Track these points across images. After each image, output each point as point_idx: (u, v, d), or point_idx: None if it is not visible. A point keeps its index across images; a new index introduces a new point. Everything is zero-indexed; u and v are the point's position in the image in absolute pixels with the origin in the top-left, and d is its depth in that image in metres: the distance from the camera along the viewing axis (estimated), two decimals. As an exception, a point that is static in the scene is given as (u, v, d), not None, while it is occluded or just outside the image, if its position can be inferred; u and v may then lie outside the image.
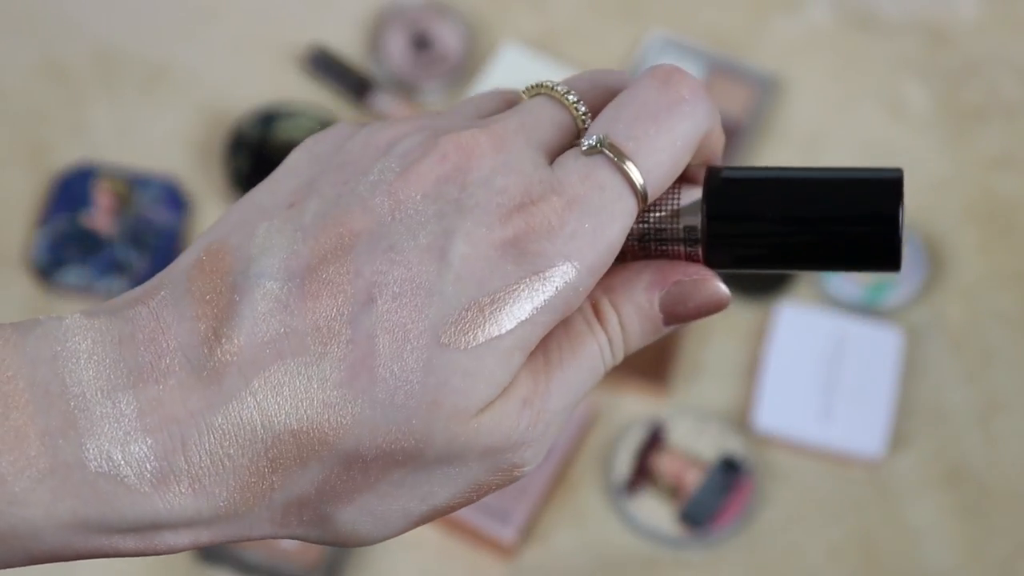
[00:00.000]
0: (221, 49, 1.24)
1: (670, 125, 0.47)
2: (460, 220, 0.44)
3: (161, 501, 0.43)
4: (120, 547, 0.44)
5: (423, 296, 0.44)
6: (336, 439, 0.44)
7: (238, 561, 1.05)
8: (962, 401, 1.12)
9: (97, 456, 0.43)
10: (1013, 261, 1.18)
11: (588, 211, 0.45)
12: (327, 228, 0.45)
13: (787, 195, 0.48)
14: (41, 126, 1.20)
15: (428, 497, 0.46)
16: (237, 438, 0.43)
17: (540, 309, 0.45)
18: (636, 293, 0.48)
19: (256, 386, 0.43)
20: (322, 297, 0.44)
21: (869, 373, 1.12)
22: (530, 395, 0.46)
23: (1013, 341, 1.15)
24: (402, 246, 0.44)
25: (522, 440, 0.45)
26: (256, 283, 0.44)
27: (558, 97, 0.48)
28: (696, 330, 1.14)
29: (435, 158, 0.45)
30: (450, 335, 0.44)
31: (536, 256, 0.45)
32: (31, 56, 1.22)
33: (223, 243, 0.45)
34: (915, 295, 1.16)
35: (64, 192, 1.16)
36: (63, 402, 0.43)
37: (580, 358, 0.47)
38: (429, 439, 0.44)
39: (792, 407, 1.11)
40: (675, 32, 1.26)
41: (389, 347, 0.43)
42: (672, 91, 0.47)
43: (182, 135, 1.20)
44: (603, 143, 0.46)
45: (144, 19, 1.25)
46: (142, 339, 0.44)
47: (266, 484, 0.44)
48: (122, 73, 1.22)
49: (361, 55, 1.24)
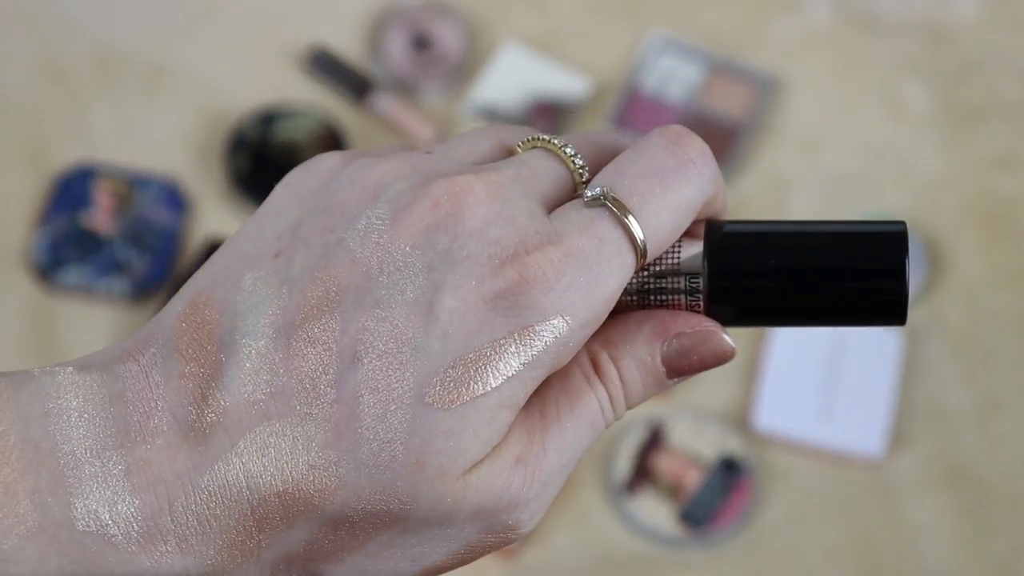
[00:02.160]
0: (221, 49, 1.24)
1: (676, 186, 0.46)
2: (450, 273, 0.43)
3: (148, 559, 0.43)
4: None
5: (408, 353, 0.43)
6: (321, 501, 0.43)
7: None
8: (962, 401, 1.12)
9: (85, 515, 0.42)
10: (1013, 261, 1.18)
11: (585, 264, 0.44)
12: (314, 282, 0.44)
13: (790, 250, 0.47)
14: (41, 126, 1.20)
15: (419, 558, 0.45)
16: (223, 499, 0.43)
17: (528, 365, 0.43)
18: (636, 346, 0.47)
19: (242, 447, 0.43)
20: (308, 356, 0.43)
21: (869, 373, 1.12)
22: (524, 453, 0.44)
23: (1013, 341, 1.15)
24: (389, 301, 0.43)
25: (515, 500, 0.44)
26: (242, 342, 0.44)
27: (555, 150, 0.47)
28: (696, 330, 1.14)
29: (427, 204, 0.44)
30: (435, 394, 0.43)
31: (528, 308, 0.43)
32: (31, 56, 1.22)
33: (209, 296, 0.45)
34: (915, 295, 1.15)
35: (64, 192, 1.16)
36: (53, 460, 0.43)
37: (578, 415, 0.46)
38: (415, 500, 0.43)
39: (792, 407, 1.11)
40: (675, 32, 1.26)
41: (373, 407, 0.43)
42: (681, 153, 0.46)
43: (182, 135, 1.20)
44: (607, 196, 0.45)
45: (144, 19, 1.25)
46: (131, 398, 0.44)
47: (253, 543, 0.43)
48: (122, 73, 1.22)
49: (361, 55, 1.24)
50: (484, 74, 1.23)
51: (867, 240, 0.47)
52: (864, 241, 0.47)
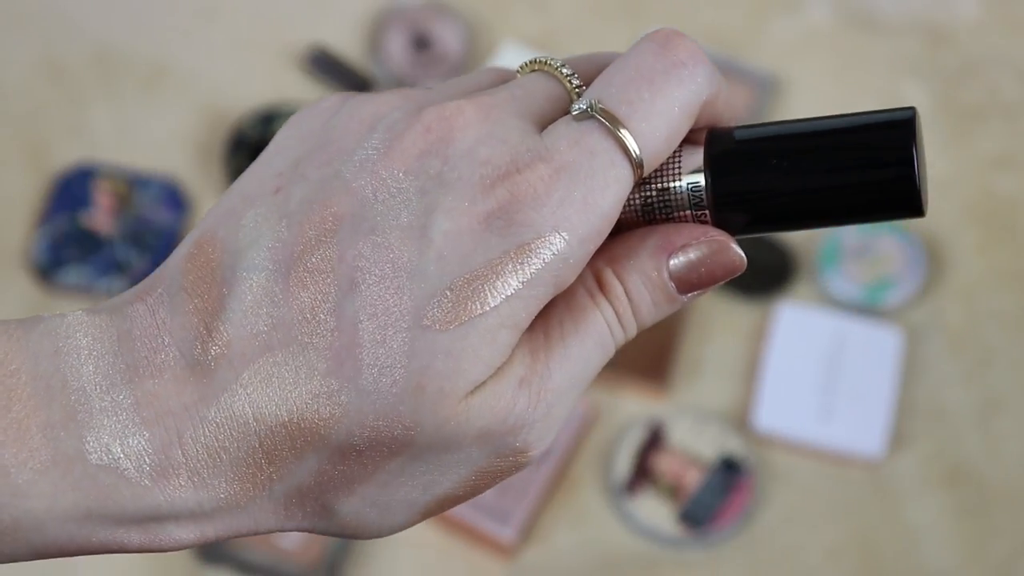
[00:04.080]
0: (221, 49, 1.24)
1: (667, 90, 0.44)
2: (442, 195, 0.43)
3: (161, 494, 0.43)
4: (125, 542, 0.44)
5: (405, 278, 0.43)
6: (327, 430, 0.43)
7: (238, 561, 1.05)
8: (962, 401, 1.12)
9: (97, 449, 0.43)
10: (1013, 261, 1.18)
11: (577, 178, 0.43)
12: (311, 214, 0.44)
13: (793, 149, 0.45)
14: (41, 126, 1.20)
15: (431, 486, 0.45)
16: (231, 431, 0.43)
17: (527, 283, 0.43)
18: (641, 261, 0.46)
19: (246, 379, 0.43)
20: (307, 286, 0.43)
21: (869, 373, 1.12)
22: (528, 375, 0.44)
23: (1013, 341, 1.15)
24: (384, 227, 0.43)
25: (521, 422, 0.44)
26: (242, 276, 0.44)
27: (552, 71, 0.47)
28: (696, 330, 1.14)
29: (418, 131, 0.44)
30: (433, 316, 0.43)
31: (522, 226, 0.43)
32: (31, 56, 1.22)
33: (212, 235, 0.45)
34: (915, 295, 1.16)
35: (64, 192, 1.16)
36: (64, 396, 0.43)
37: (584, 333, 0.45)
38: (418, 425, 0.43)
39: (792, 407, 1.11)
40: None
41: (372, 332, 0.43)
42: (670, 55, 0.45)
43: (182, 135, 1.20)
44: (594, 108, 0.44)
45: (144, 19, 1.25)
46: (139, 335, 0.44)
47: (264, 475, 0.44)
48: (122, 73, 1.22)
49: (361, 55, 1.24)
50: (484, 74, 1.23)
51: (872, 129, 0.45)
52: (870, 131, 0.45)
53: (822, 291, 1.16)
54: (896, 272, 1.16)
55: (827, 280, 1.16)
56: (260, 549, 1.05)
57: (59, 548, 0.44)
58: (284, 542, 1.05)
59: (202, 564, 1.05)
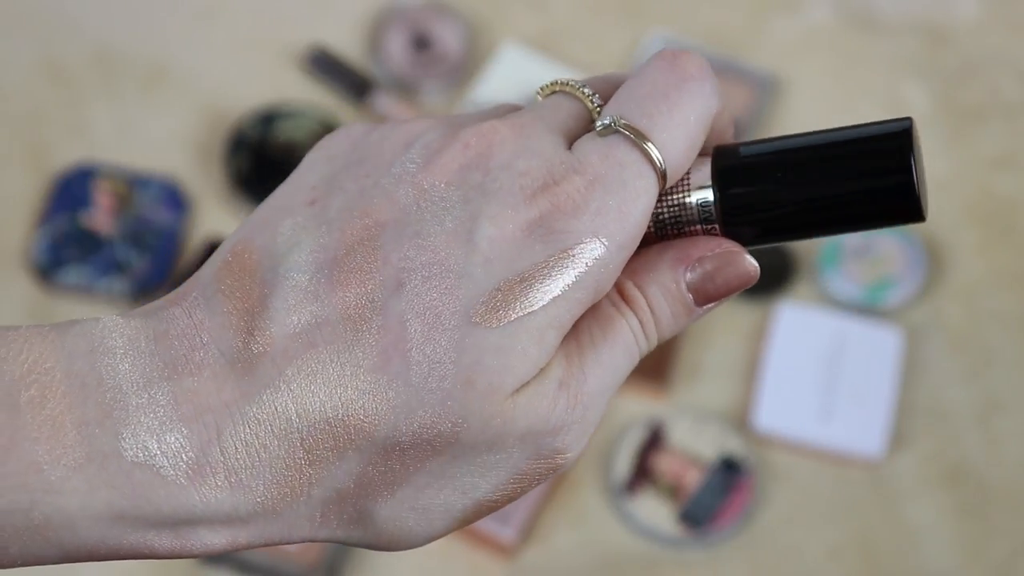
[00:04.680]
0: (221, 49, 1.24)
1: (681, 102, 0.47)
2: (485, 203, 0.45)
3: (197, 494, 0.43)
4: (155, 545, 0.44)
5: (452, 279, 0.44)
6: (372, 427, 0.44)
7: (238, 561, 1.05)
8: (962, 401, 1.12)
9: (133, 446, 0.43)
10: (1013, 261, 1.18)
11: (611, 188, 0.45)
12: (352, 220, 0.45)
13: (796, 161, 0.47)
14: (41, 126, 1.20)
15: (470, 489, 0.45)
16: (272, 427, 0.43)
17: (571, 286, 0.45)
18: (660, 274, 0.48)
19: (290, 375, 0.43)
20: (351, 285, 0.44)
21: (869, 373, 1.12)
22: (566, 377, 0.45)
23: (1013, 341, 1.15)
24: (429, 232, 0.44)
25: (561, 423, 0.45)
26: (285, 276, 0.44)
27: (572, 91, 0.48)
28: (696, 330, 1.14)
29: (458, 148, 0.46)
30: (481, 315, 0.44)
31: (563, 234, 0.45)
32: (31, 56, 1.22)
33: (249, 243, 0.46)
34: (915, 295, 1.16)
35: (64, 192, 1.16)
36: (99, 394, 0.43)
37: (612, 340, 0.47)
38: (466, 420, 0.44)
39: (792, 407, 1.11)
40: (675, 32, 1.26)
41: (421, 330, 0.43)
42: (679, 70, 0.47)
43: (182, 135, 1.20)
44: (617, 123, 0.46)
45: (144, 19, 1.25)
46: (176, 335, 0.44)
47: (304, 478, 0.44)
48: (122, 73, 1.22)
49: (361, 55, 1.24)
50: (484, 74, 1.23)
51: (871, 140, 0.47)
52: (868, 142, 0.47)
53: (822, 291, 1.16)
54: (896, 272, 1.16)
55: (827, 280, 1.16)
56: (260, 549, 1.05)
57: (88, 551, 0.44)
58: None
59: (202, 564, 1.05)
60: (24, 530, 0.42)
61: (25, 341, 0.43)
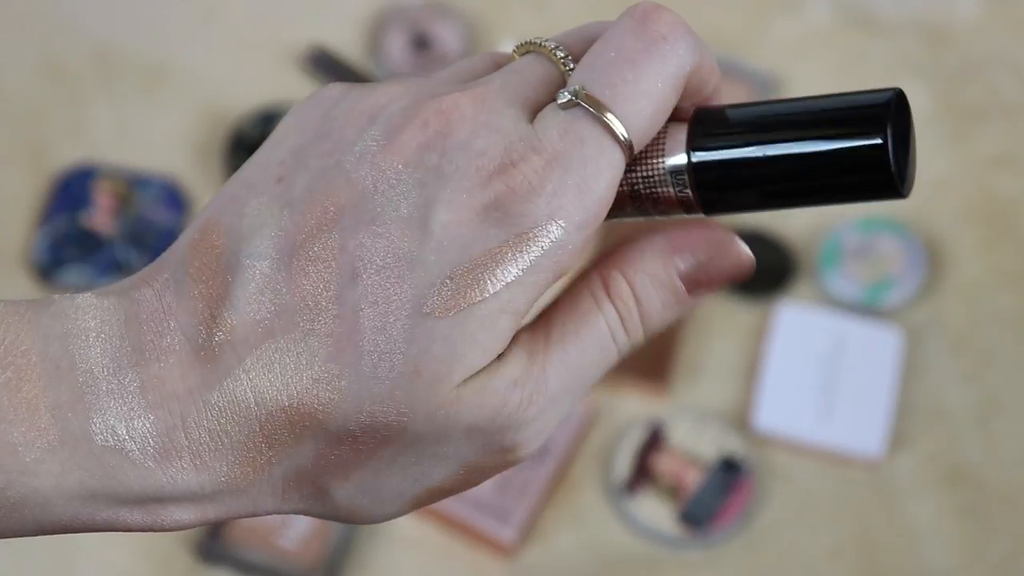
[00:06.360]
0: (221, 49, 1.24)
1: (650, 67, 0.45)
2: (440, 188, 0.44)
3: (164, 475, 0.44)
4: (127, 521, 0.45)
5: (405, 267, 0.44)
6: (325, 415, 0.44)
7: (238, 561, 1.05)
8: (962, 401, 1.12)
9: (103, 430, 0.44)
10: (1013, 261, 1.18)
11: (570, 167, 0.44)
12: (313, 204, 0.45)
13: (774, 125, 0.45)
14: (41, 126, 1.20)
15: (421, 478, 0.46)
16: (233, 415, 0.44)
17: (527, 270, 0.44)
18: (649, 262, 0.46)
19: (249, 364, 0.44)
20: (309, 274, 0.44)
21: (869, 373, 1.12)
22: (523, 376, 0.45)
23: (1013, 341, 1.15)
24: (384, 218, 0.44)
25: (510, 422, 0.44)
26: (246, 263, 0.45)
27: (546, 53, 0.47)
28: (696, 330, 1.14)
29: (416, 125, 0.45)
30: (432, 304, 0.43)
31: (519, 217, 0.44)
32: (31, 56, 1.22)
33: (216, 222, 0.46)
34: (915, 295, 1.16)
35: (64, 192, 1.16)
36: (72, 377, 0.44)
37: (584, 337, 0.46)
38: (411, 411, 0.44)
39: (792, 407, 1.11)
40: (675, 32, 1.26)
41: (373, 320, 0.44)
42: (649, 31, 0.45)
43: (182, 135, 1.20)
44: (579, 95, 0.45)
45: (144, 19, 1.25)
46: (146, 319, 0.45)
47: (263, 459, 0.45)
48: (122, 73, 1.22)
49: (361, 55, 1.24)
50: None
51: (852, 109, 0.45)
52: (848, 108, 0.45)
53: (822, 291, 1.16)
54: (896, 272, 1.16)
55: (827, 280, 1.16)
56: (260, 549, 1.05)
57: (63, 526, 0.45)
58: (284, 542, 1.05)
59: (202, 564, 1.05)
60: (0, 508, 0.44)
61: (0, 321, 0.44)
